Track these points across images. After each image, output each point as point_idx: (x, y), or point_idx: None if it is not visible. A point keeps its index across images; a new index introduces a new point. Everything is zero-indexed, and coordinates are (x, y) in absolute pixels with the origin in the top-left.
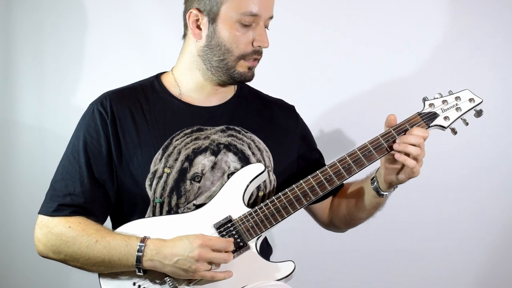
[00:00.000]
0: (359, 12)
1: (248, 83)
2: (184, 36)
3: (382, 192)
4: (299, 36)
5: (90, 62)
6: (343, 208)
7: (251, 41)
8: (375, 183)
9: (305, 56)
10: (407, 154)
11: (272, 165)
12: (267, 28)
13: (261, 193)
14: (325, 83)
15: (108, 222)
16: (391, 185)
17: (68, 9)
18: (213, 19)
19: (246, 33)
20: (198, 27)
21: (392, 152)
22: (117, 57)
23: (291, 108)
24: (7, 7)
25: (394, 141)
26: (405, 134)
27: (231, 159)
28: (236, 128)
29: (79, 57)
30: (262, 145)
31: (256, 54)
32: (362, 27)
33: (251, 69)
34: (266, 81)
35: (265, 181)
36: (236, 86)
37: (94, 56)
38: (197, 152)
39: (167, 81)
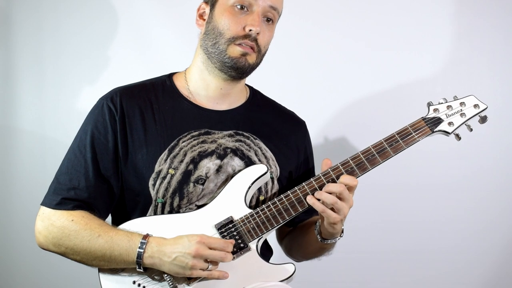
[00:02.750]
0: (359, 13)
1: (260, 90)
2: None
3: (321, 239)
4: (301, 39)
5: (90, 62)
6: (296, 239)
7: (243, 25)
8: (317, 228)
9: (307, 59)
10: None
11: (278, 174)
12: (271, 21)
13: (262, 197)
14: (326, 86)
15: (108, 219)
16: (329, 235)
17: (68, 9)
18: (212, 6)
19: (239, 17)
20: (202, 18)
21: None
22: (118, 58)
23: (302, 123)
24: (7, 7)
25: (398, 146)
26: (409, 138)
27: (237, 164)
28: (245, 134)
29: (79, 58)
30: (269, 154)
31: (248, 39)
32: (362, 28)
33: (244, 56)
34: (269, 84)
35: (267, 186)
36: (248, 92)
37: (94, 57)
38: (202, 155)
39: (178, 81)
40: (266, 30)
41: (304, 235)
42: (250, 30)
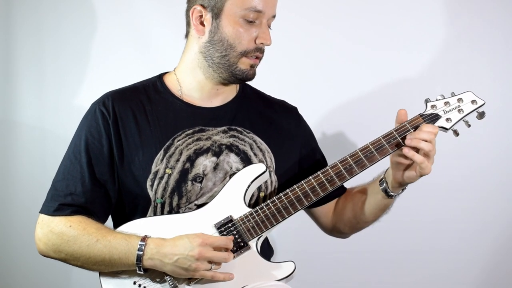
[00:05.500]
0: (359, 12)
1: (250, 84)
2: (187, 35)
3: (391, 193)
4: (299, 37)
5: (90, 62)
6: (348, 211)
7: (254, 38)
8: (384, 184)
9: (305, 57)
10: (417, 151)
11: (274, 166)
12: (270, 28)
13: (262, 194)
14: (325, 84)
15: (110, 222)
16: (401, 185)
17: (68, 9)
18: (217, 15)
19: (249, 29)
20: (202, 23)
21: (402, 148)
22: (117, 57)
23: (294, 109)
24: (7, 7)
25: (396, 143)
26: (405, 137)
27: (233, 160)
28: (238, 128)
29: (79, 57)
30: (264, 146)
31: (258, 52)
32: (362, 28)
33: (253, 67)
34: (267, 82)
35: (266, 182)
36: (238, 86)
37: (94, 56)
38: (198, 153)
39: (169, 81)
40: None
41: (358, 202)
42: (261, 43)
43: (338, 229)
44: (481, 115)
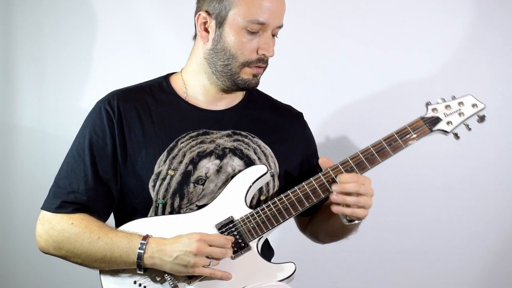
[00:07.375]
0: (360, 13)
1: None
2: (195, 37)
3: (347, 222)
4: (300, 38)
5: (90, 62)
6: (320, 222)
7: (256, 48)
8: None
9: (307, 59)
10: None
11: (278, 170)
12: (276, 36)
13: (263, 197)
14: (326, 86)
15: (111, 221)
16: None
17: (68, 9)
18: (220, 23)
19: (252, 40)
20: (206, 30)
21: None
22: (118, 58)
23: (299, 115)
24: (7, 7)
25: (397, 145)
26: (408, 137)
27: (236, 163)
28: (243, 133)
29: (79, 58)
30: (268, 151)
31: (261, 62)
32: (362, 28)
33: (256, 76)
34: (267, 83)
35: (268, 185)
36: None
37: (94, 57)
38: (201, 155)
39: (175, 83)
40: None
41: (328, 220)
42: (264, 54)
43: (311, 233)
44: (481, 119)
